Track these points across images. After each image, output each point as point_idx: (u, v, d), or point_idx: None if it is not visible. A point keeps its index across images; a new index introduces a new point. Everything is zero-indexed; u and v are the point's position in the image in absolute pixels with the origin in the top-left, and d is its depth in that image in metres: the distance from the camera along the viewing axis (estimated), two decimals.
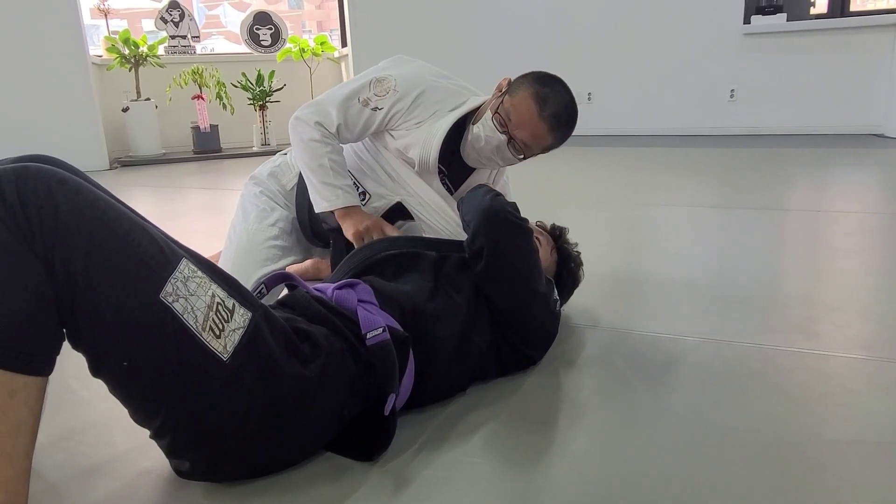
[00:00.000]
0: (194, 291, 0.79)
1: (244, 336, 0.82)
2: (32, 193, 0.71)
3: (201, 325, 0.78)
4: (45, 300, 0.72)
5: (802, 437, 1.00)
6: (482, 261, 1.16)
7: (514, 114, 1.38)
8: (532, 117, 1.37)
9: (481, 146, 1.44)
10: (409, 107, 1.44)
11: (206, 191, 3.86)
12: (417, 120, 1.45)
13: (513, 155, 1.44)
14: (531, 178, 1.68)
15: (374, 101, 1.44)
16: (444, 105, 1.47)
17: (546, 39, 5.71)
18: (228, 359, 0.80)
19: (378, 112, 1.45)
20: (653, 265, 1.98)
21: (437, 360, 1.08)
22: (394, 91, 1.44)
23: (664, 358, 1.30)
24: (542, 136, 1.40)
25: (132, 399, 0.82)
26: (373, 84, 1.46)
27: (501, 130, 1.40)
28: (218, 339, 0.79)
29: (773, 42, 5.19)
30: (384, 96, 1.44)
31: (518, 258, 1.18)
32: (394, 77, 1.46)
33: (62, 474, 0.97)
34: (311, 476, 0.93)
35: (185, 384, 0.79)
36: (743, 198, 2.95)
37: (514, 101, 1.38)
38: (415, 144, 1.44)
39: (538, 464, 0.95)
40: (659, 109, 5.57)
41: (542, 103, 1.36)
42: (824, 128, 5.16)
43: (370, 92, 1.45)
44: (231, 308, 0.82)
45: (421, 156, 1.44)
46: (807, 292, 1.69)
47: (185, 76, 5.35)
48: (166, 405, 0.80)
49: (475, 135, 1.44)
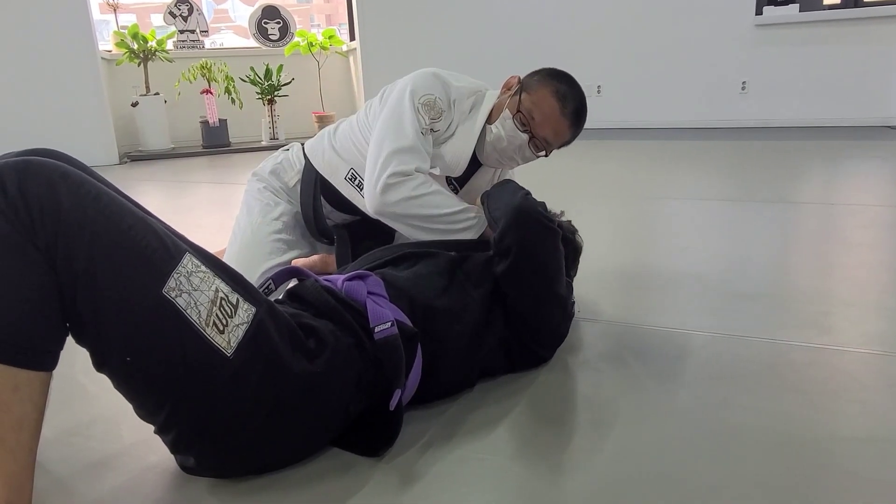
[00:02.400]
0: (198, 286, 0.78)
1: (248, 331, 0.81)
2: (34, 187, 0.71)
3: (205, 321, 0.77)
4: (47, 295, 0.72)
5: (816, 434, 0.99)
6: (508, 259, 1.15)
7: (538, 112, 1.38)
8: (555, 115, 1.38)
9: (503, 146, 1.43)
10: (450, 122, 1.44)
11: (216, 185, 3.87)
12: (448, 131, 1.44)
13: (533, 153, 1.44)
14: (539, 172, 1.67)
15: (429, 125, 1.40)
16: (465, 106, 1.46)
17: (556, 32, 5.67)
18: (232, 354, 0.79)
19: (434, 134, 1.43)
20: (663, 259, 1.96)
21: (446, 356, 1.07)
22: (446, 111, 1.42)
23: (674, 353, 1.29)
24: (563, 133, 1.41)
25: (136, 394, 0.82)
26: (422, 109, 1.39)
27: (523, 130, 1.40)
28: (221, 334, 0.79)
29: (785, 33, 5.13)
30: (438, 119, 1.41)
31: (545, 261, 1.17)
32: (436, 97, 1.41)
33: (68, 468, 0.97)
34: (317, 472, 0.92)
35: (189, 380, 0.78)
36: (754, 191, 2.92)
37: (536, 99, 1.38)
38: (444, 155, 1.44)
39: (547, 461, 0.94)
40: (669, 102, 5.52)
41: (563, 101, 1.37)
42: (837, 120, 5.10)
43: (426, 119, 1.39)
44: (235, 303, 0.81)
45: (451, 165, 1.44)
46: (820, 286, 1.66)
47: (194, 71, 5.36)
48: (170, 401, 0.79)
49: (496, 136, 1.43)
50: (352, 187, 1.52)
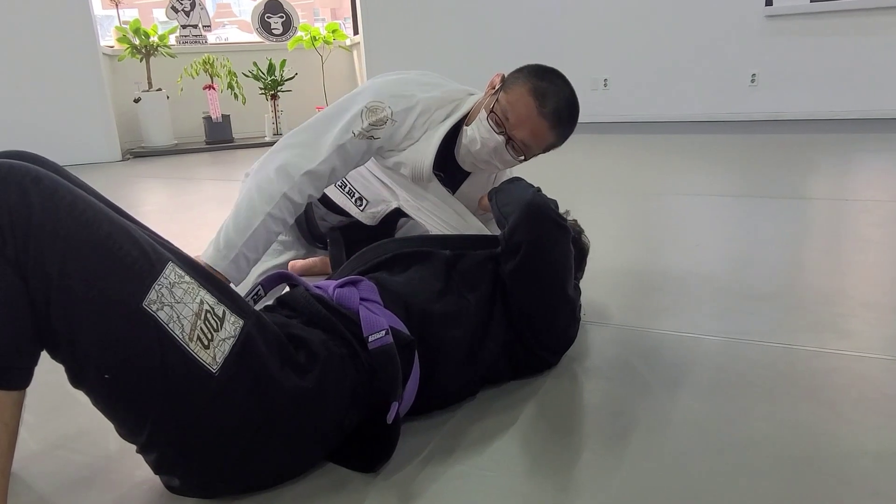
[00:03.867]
0: (181, 298, 0.73)
1: (235, 346, 0.76)
2: (3, 193, 0.67)
3: (188, 335, 0.73)
4: (17, 310, 0.67)
5: (836, 447, 0.93)
6: (517, 257, 1.10)
7: (512, 112, 1.28)
8: (531, 114, 1.27)
9: (477, 149, 1.33)
10: (408, 131, 1.34)
11: (219, 182, 3.83)
12: (411, 140, 1.35)
13: (512, 157, 1.34)
14: (542, 168, 1.61)
15: (368, 132, 1.30)
16: (437, 116, 1.36)
17: (561, 24, 5.59)
18: (218, 370, 0.74)
19: (374, 142, 1.32)
20: (671, 258, 1.90)
21: (445, 363, 1.03)
22: (391, 121, 1.31)
23: (684, 359, 1.23)
24: (542, 135, 1.30)
25: (115, 413, 0.77)
26: (365, 114, 1.30)
27: (498, 131, 1.30)
28: (206, 349, 0.74)
29: (796, 24, 5.03)
30: (381, 127, 1.30)
31: (556, 259, 1.12)
32: (387, 105, 1.31)
33: (52, 485, 0.93)
34: (310, 489, 0.88)
35: (172, 398, 0.74)
36: (765, 187, 2.85)
37: (511, 97, 1.28)
38: (406, 162, 1.35)
39: (553, 476, 0.89)
40: (677, 95, 5.43)
41: (542, 99, 1.27)
42: (850, 112, 5.00)
43: (364, 123, 1.29)
44: (221, 316, 0.76)
45: (413, 173, 1.36)
46: (836, 287, 1.60)
47: (196, 66, 5.32)
48: (151, 420, 0.75)
49: (470, 137, 1.33)
50: (342, 194, 1.47)
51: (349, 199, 1.45)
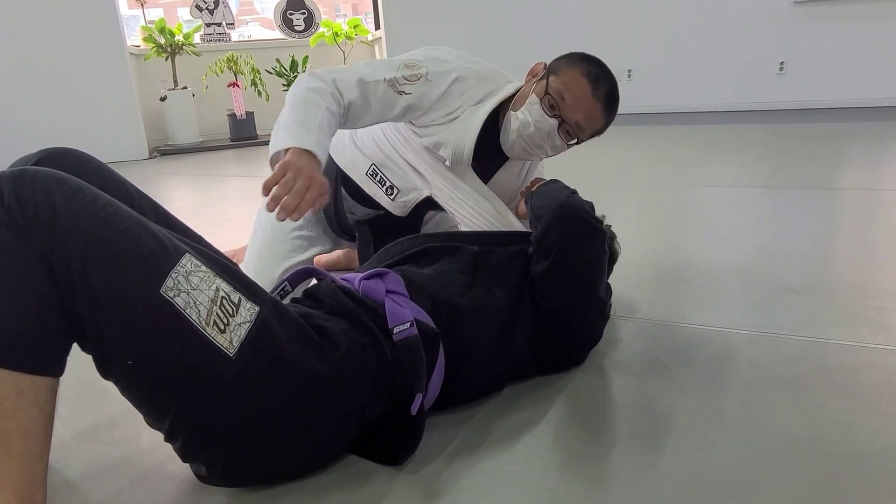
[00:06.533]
0: (197, 286, 0.76)
1: (251, 330, 0.78)
2: (29, 192, 0.70)
3: (205, 320, 0.75)
4: (48, 300, 0.70)
5: (873, 444, 0.91)
6: (549, 258, 1.09)
7: (568, 94, 1.28)
8: (587, 96, 1.28)
9: (530, 133, 1.32)
10: (441, 96, 1.33)
11: (244, 178, 3.87)
12: (447, 111, 1.34)
13: (563, 140, 1.33)
14: (568, 161, 1.59)
15: (400, 85, 1.31)
16: (476, 93, 1.36)
17: (585, 15, 5.52)
18: (235, 354, 0.76)
19: (403, 97, 1.31)
20: (700, 251, 1.87)
21: (471, 357, 1.03)
22: (425, 79, 1.32)
23: (715, 354, 1.21)
24: (596, 117, 1.30)
25: (140, 400, 0.80)
26: (402, 67, 1.33)
27: (552, 114, 1.30)
28: (223, 333, 0.76)
29: (826, 10, 4.90)
30: (414, 82, 1.31)
31: (589, 261, 1.12)
32: (426, 64, 1.34)
33: (83, 473, 0.95)
34: (334, 481, 0.88)
35: (191, 382, 0.76)
36: (795, 177, 2.79)
37: (565, 80, 1.28)
38: (446, 143, 1.34)
39: (583, 472, 0.88)
40: (703, 85, 5.33)
41: (595, 82, 1.27)
42: (882, 100, 4.86)
43: (399, 73, 1.31)
44: (237, 302, 0.78)
45: (454, 154, 1.34)
46: (870, 280, 1.56)
47: (220, 64, 5.36)
48: (174, 405, 0.77)
49: (522, 122, 1.32)
50: (373, 183, 1.46)
51: (380, 189, 1.45)
